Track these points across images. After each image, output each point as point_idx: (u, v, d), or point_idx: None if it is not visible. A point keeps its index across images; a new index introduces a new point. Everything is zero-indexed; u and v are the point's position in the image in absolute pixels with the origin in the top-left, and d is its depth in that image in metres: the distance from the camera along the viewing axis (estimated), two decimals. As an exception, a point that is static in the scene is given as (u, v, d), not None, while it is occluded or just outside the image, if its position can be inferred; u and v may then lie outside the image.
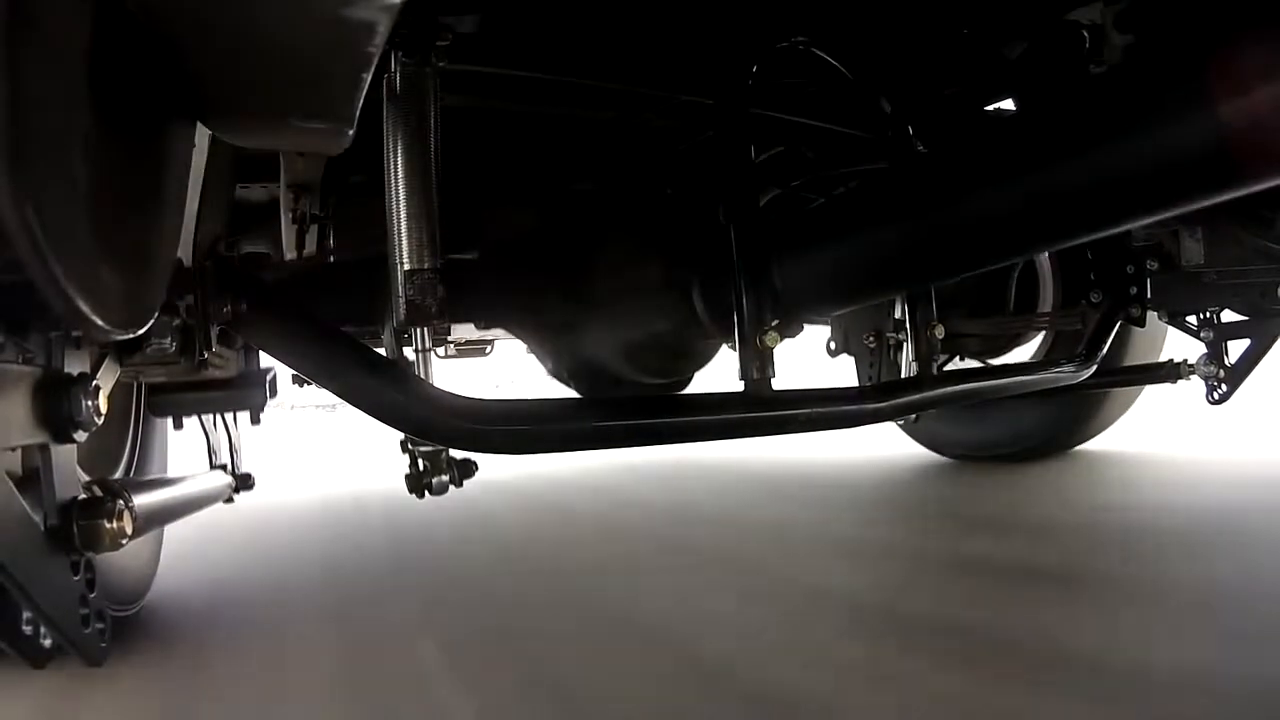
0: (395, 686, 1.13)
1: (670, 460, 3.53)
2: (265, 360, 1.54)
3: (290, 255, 1.23)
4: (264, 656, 1.31)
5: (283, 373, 1.52)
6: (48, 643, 0.81)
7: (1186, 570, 1.34)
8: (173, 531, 1.56)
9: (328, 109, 0.66)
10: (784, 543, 1.87)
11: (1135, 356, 2.43)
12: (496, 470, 1.16)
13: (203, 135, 0.76)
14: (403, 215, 0.91)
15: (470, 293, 1.41)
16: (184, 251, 0.87)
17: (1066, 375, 1.70)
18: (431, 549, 2.10)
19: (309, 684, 1.17)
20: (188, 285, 0.89)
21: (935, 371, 1.37)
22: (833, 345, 2.12)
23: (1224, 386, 2.08)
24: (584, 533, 2.22)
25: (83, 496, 0.85)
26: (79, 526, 0.82)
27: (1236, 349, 2.07)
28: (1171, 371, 2.17)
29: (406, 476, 1.18)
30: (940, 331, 1.36)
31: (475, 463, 1.21)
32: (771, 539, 1.93)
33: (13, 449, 0.79)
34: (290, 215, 1.15)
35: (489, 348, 2.53)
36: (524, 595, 1.58)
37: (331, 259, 1.34)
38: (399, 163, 0.90)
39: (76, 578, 0.82)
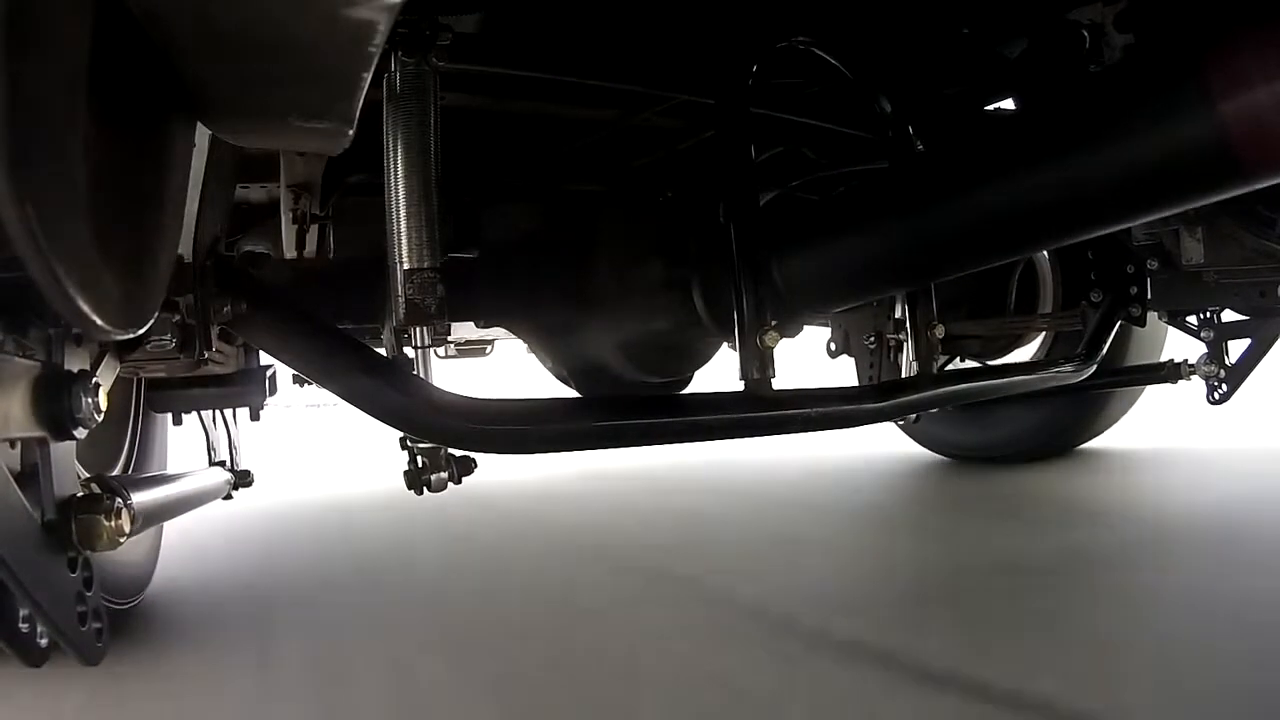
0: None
1: (649, 466, 3.50)
2: (265, 357, 1.54)
3: (290, 255, 1.23)
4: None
5: (283, 371, 1.52)
6: (44, 641, 0.80)
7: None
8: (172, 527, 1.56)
9: (328, 109, 0.66)
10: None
11: (1136, 356, 2.43)
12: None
13: (203, 135, 0.76)
14: (402, 215, 0.91)
15: (470, 292, 1.41)
16: (184, 251, 0.87)
17: (1066, 375, 1.70)
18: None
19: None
20: (188, 284, 0.89)
21: (935, 372, 1.37)
22: (833, 346, 2.12)
23: (1224, 386, 2.07)
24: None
25: (81, 493, 0.85)
26: (77, 523, 0.82)
27: (1237, 349, 2.07)
28: (1172, 371, 2.17)
29: (405, 473, 1.18)
30: (940, 332, 1.36)
31: (474, 460, 1.21)
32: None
33: (12, 445, 0.79)
34: (290, 215, 1.15)
35: (489, 347, 2.53)
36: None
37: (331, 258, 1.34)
38: (399, 163, 0.90)
39: (74, 575, 0.81)
